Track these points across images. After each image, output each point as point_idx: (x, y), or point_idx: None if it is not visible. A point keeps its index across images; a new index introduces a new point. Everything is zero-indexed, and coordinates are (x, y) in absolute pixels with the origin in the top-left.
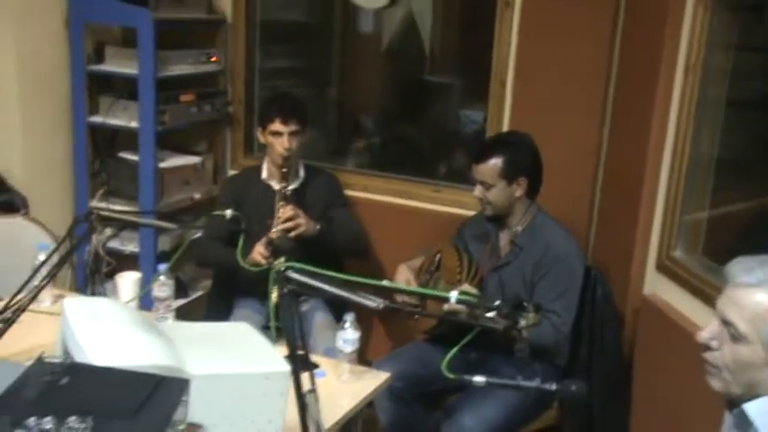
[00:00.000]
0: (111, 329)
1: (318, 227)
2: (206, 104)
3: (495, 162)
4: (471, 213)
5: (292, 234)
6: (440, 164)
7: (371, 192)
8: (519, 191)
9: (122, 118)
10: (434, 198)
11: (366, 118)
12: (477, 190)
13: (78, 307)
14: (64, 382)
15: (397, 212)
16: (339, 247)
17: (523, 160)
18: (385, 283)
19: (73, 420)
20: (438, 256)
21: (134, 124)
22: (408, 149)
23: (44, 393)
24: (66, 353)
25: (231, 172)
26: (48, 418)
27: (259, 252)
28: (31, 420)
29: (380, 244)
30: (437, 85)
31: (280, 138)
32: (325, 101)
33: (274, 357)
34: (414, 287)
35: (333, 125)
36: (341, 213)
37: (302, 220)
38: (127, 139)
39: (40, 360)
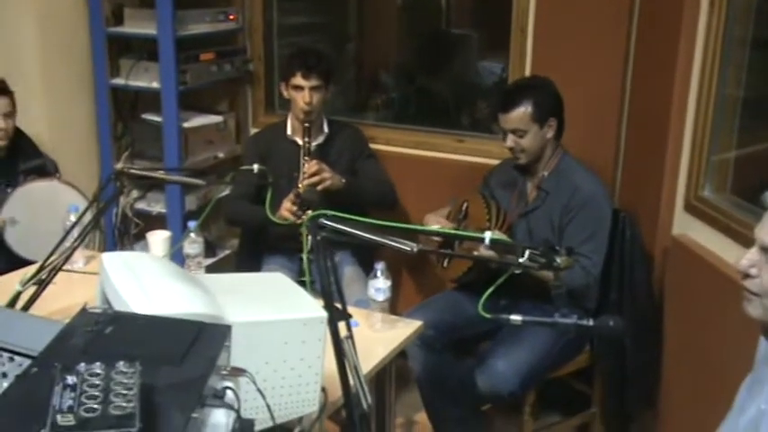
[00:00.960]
0: (150, 280)
1: (344, 180)
2: (226, 63)
3: (526, 107)
4: (496, 162)
5: (319, 188)
6: (461, 115)
7: (394, 144)
8: (550, 132)
9: (144, 79)
10: (458, 148)
11: (385, 72)
12: (510, 139)
13: (117, 260)
14: (109, 331)
15: (421, 164)
16: (368, 198)
17: (550, 101)
18: (418, 226)
19: (121, 365)
20: (465, 204)
21: (155, 85)
22: (429, 102)
23: (91, 342)
24: (107, 305)
25: (253, 130)
26: (97, 364)
27: (287, 208)
28: (82, 366)
29: (405, 196)
30: (455, 36)
31: (301, 92)
32: (343, 56)
33: (311, 304)
34: (446, 228)
35: (352, 80)
36: (368, 165)
37: (327, 174)
38: (149, 100)
39: (84, 311)
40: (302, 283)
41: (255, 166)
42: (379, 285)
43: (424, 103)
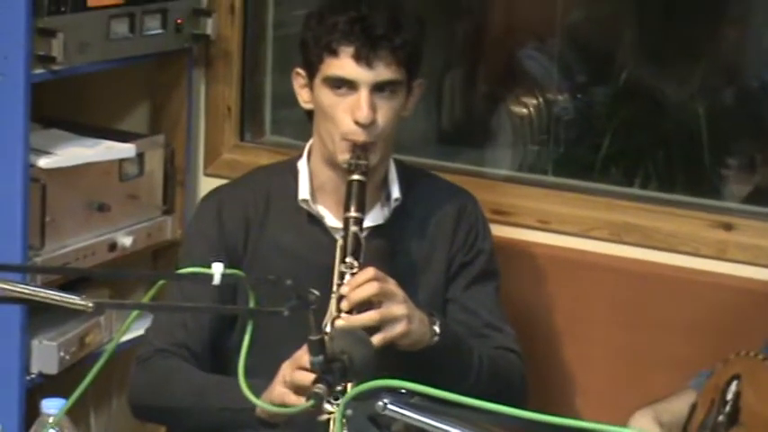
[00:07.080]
0: None
1: (438, 329)
2: (150, 17)
3: None
4: None
5: (379, 338)
6: (731, 165)
7: (558, 227)
8: None
9: None
10: (721, 245)
11: (538, 52)
12: None
13: None
14: None
15: (624, 277)
16: (469, 382)
17: None
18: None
19: None
20: (734, 385)
21: None
22: (644, 135)
23: None
24: None
25: (209, 182)
26: None
27: (287, 381)
28: None
29: (580, 353)
30: None
31: (349, 95)
32: (438, 22)
33: None
34: None
35: (457, 72)
36: (477, 296)
37: (403, 308)
38: None
39: None
40: None
41: (218, 269)
42: None
43: (630, 137)
